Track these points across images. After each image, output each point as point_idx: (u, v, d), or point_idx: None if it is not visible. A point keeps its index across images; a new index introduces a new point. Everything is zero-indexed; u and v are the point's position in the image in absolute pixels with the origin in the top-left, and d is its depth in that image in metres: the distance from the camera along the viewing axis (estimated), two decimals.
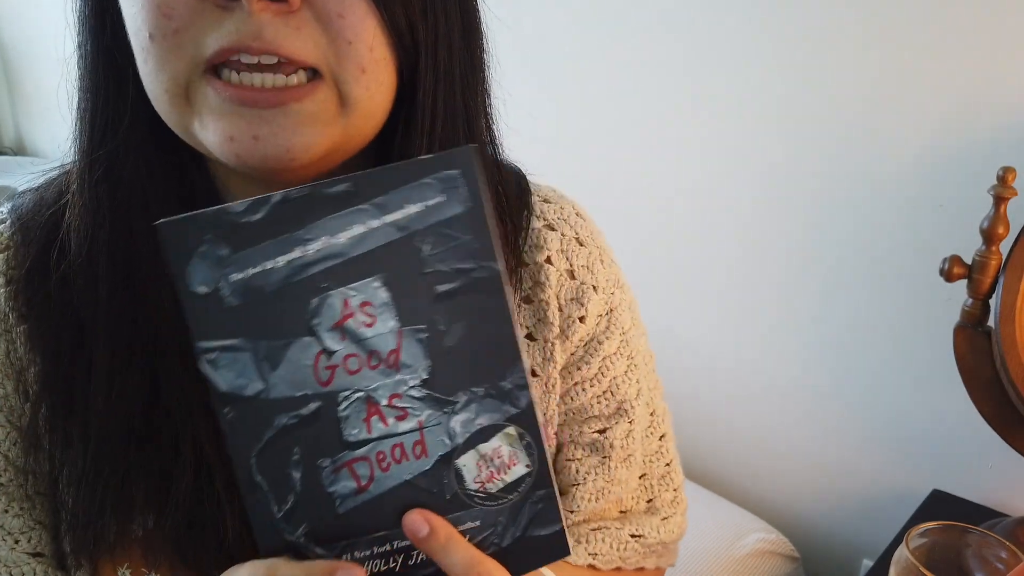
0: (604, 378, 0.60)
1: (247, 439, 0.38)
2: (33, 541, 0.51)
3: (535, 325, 0.58)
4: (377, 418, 0.39)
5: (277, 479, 0.39)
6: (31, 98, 2.83)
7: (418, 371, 0.39)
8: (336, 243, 0.38)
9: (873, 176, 1.12)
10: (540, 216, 0.59)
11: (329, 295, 0.38)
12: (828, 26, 1.10)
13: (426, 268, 0.39)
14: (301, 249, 0.37)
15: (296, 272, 0.37)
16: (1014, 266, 0.86)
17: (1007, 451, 0.93)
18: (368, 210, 0.38)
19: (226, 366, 0.38)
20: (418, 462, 0.40)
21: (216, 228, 0.37)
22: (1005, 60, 0.97)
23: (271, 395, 0.38)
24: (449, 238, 0.39)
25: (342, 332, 0.38)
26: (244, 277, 0.37)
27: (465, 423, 0.41)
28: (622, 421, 0.61)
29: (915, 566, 0.57)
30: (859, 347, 1.19)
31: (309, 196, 0.37)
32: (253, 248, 0.37)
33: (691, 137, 1.29)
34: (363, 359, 0.39)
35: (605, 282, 0.60)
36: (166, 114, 0.44)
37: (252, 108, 0.42)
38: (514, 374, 0.41)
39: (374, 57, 0.43)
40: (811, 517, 1.32)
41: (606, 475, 0.61)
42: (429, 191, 0.38)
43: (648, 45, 1.30)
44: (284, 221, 0.37)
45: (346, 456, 0.40)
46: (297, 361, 0.38)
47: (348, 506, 0.40)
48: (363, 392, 0.39)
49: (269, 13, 0.40)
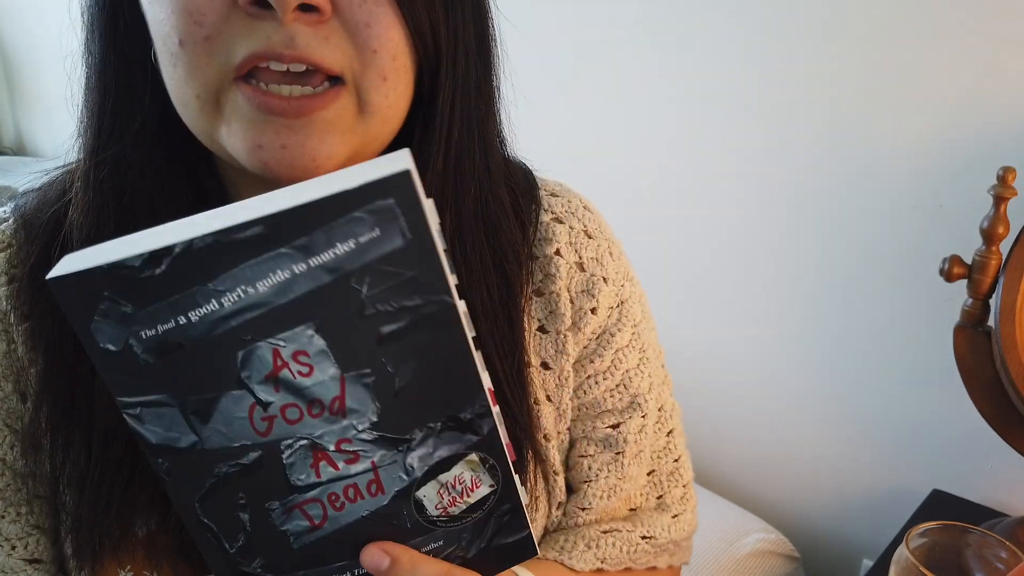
0: (617, 371, 0.60)
1: (187, 487, 0.36)
2: (30, 547, 0.51)
3: (547, 317, 0.58)
4: (325, 463, 0.37)
5: (225, 520, 0.37)
6: (31, 98, 2.83)
7: (366, 415, 0.36)
8: (255, 293, 0.33)
9: (873, 176, 1.12)
10: (548, 210, 0.59)
11: (256, 347, 0.34)
12: (828, 26, 1.10)
13: (366, 310, 0.35)
14: (215, 302, 0.33)
15: (214, 326, 0.34)
16: (1014, 266, 0.86)
17: (1007, 451, 0.93)
18: (289, 254, 0.33)
19: (152, 421, 0.35)
20: (374, 499, 0.38)
21: (113, 285, 0.32)
22: (1005, 60, 0.97)
23: (206, 446, 0.36)
24: (390, 275, 0.34)
25: (275, 383, 0.35)
26: (155, 334, 0.33)
27: (423, 457, 0.38)
28: (635, 415, 0.61)
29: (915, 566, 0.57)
30: (859, 346, 1.19)
31: (214, 245, 0.32)
32: (160, 303, 0.33)
33: (690, 136, 1.29)
34: (303, 408, 0.36)
35: (615, 274, 0.60)
36: (193, 120, 0.44)
37: (280, 117, 0.42)
38: (475, 403, 0.38)
39: (396, 65, 0.44)
40: (811, 517, 1.32)
41: (619, 472, 0.61)
42: (360, 226, 0.33)
43: (648, 44, 1.30)
44: (190, 274, 0.33)
45: (296, 499, 0.38)
46: (230, 414, 0.35)
47: (303, 542, 0.38)
48: (307, 439, 0.36)
49: (301, 23, 0.41)
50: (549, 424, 0.58)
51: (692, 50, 1.25)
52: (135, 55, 0.46)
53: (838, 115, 1.13)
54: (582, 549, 0.60)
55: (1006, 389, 0.89)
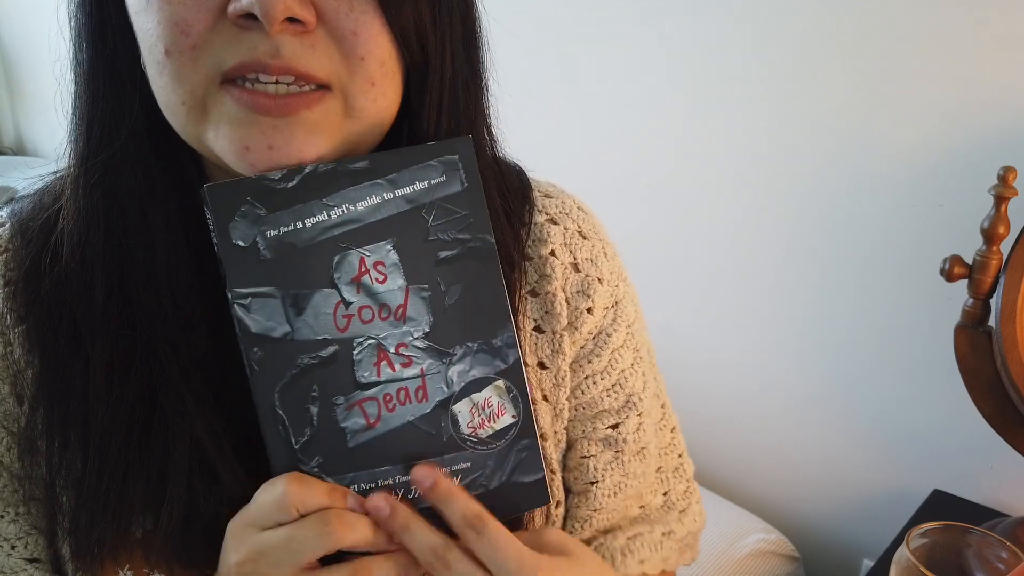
0: (613, 371, 0.61)
1: (272, 377, 0.43)
2: (30, 547, 0.51)
3: (543, 318, 0.58)
4: (386, 363, 0.45)
5: (297, 413, 0.44)
6: (31, 98, 2.83)
7: (421, 324, 0.45)
8: (355, 210, 0.44)
9: (873, 176, 1.11)
10: (542, 211, 0.60)
11: (348, 254, 0.44)
12: (828, 26, 1.10)
13: (430, 236, 0.45)
14: (326, 213, 0.43)
15: (321, 232, 0.43)
16: (1015, 266, 0.86)
17: (1007, 451, 0.93)
18: (383, 184, 0.44)
19: (257, 310, 0.43)
20: (419, 405, 0.46)
21: (255, 192, 0.42)
22: (1005, 60, 0.97)
23: (295, 337, 0.43)
24: (449, 212, 0.45)
25: (358, 286, 0.44)
26: (277, 234, 0.43)
27: (461, 373, 0.46)
28: (632, 414, 0.62)
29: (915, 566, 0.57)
30: (859, 346, 1.19)
31: (334, 170, 0.44)
32: (285, 210, 0.43)
33: (690, 135, 1.29)
34: (375, 311, 0.45)
35: (609, 274, 0.60)
36: (181, 125, 0.45)
37: (266, 116, 0.43)
38: (504, 333, 0.47)
39: (384, 71, 0.45)
40: (811, 517, 1.32)
41: (621, 469, 0.62)
42: (433, 171, 0.45)
43: (646, 44, 1.30)
44: (313, 189, 0.43)
45: (358, 395, 0.45)
46: (319, 309, 0.44)
47: (358, 440, 0.45)
48: (374, 340, 0.45)
49: (287, 33, 0.41)
50: (546, 423, 0.59)
51: (691, 50, 1.25)
52: (123, 62, 0.46)
53: (838, 115, 1.13)
54: (620, 559, 0.61)
55: (1006, 389, 0.89)
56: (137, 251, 0.48)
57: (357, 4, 0.43)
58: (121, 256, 0.48)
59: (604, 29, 1.34)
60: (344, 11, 0.43)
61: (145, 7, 0.43)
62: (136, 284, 0.48)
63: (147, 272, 0.48)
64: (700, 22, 1.23)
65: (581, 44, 1.38)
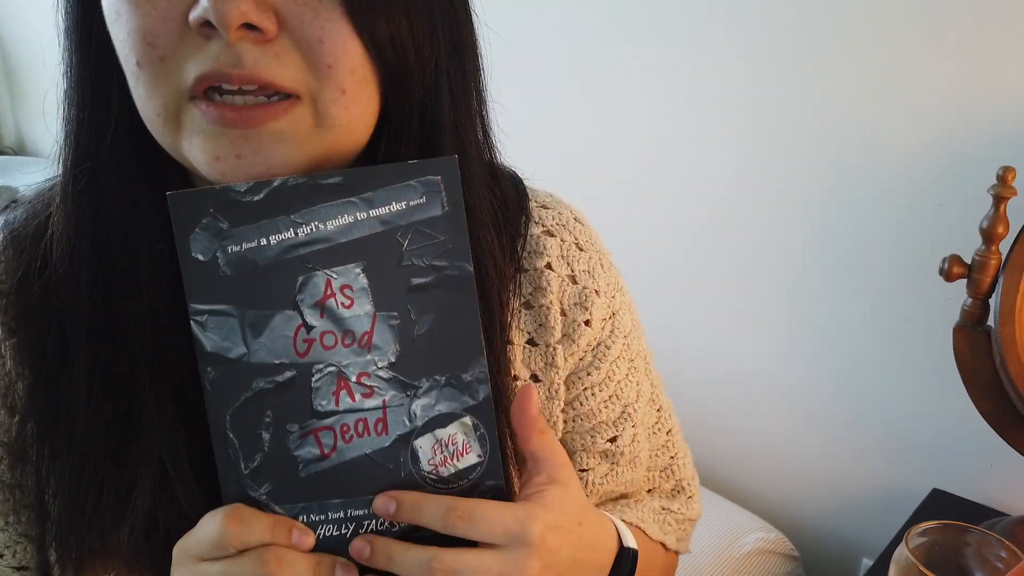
0: (610, 383, 0.61)
1: (225, 398, 0.42)
2: (18, 555, 0.52)
3: (536, 330, 0.58)
4: (346, 392, 0.43)
5: (248, 437, 0.42)
6: (31, 98, 2.83)
7: (387, 354, 0.43)
8: (324, 229, 0.41)
9: (873, 176, 1.12)
10: (539, 222, 0.59)
11: (314, 275, 0.42)
12: (828, 26, 1.10)
13: (404, 261, 0.42)
14: (293, 231, 0.41)
15: (286, 251, 0.41)
16: (1014, 266, 0.86)
17: (1007, 451, 0.93)
18: (356, 203, 0.42)
19: (214, 328, 0.41)
20: (378, 438, 0.43)
21: (218, 203, 0.41)
22: (1005, 60, 0.97)
23: (252, 359, 0.42)
24: (427, 236, 0.42)
25: (322, 310, 0.42)
26: (239, 251, 0.41)
27: (425, 407, 0.43)
28: (627, 426, 0.62)
29: (915, 565, 0.58)
30: (859, 346, 1.19)
31: (305, 185, 0.41)
32: (250, 225, 0.41)
33: (690, 137, 1.29)
34: (339, 336, 0.42)
35: (606, 286, 0.60)
36: (159, 135, 0.45)
37: (235, 128, 0.42)
38: (476, 368, 0.44)
39: (356, 79, 0.43)
40: (811, 516, 1.32)
41: (614, 479, 0.63)
42: (412, 192, 0.42)
43: (648, 46, 1.30)
44: (280, 204, 0.41)
45: (313, 424, 0.43)
46: (279, 331, 0.42)
47: (310, 471, 0.43)
48: (335, 367, 0.42)
49: (248, 42, 0.41)
50: None
51: (692, 50, 1.25)
52: (108, 71, 0.46)
53: (838, 115, 1.13)
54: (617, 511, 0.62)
55: (1006, 388, 0.89)
56: (120, 260, 0.48)
57: (323, 11, 0.42)
58: (105, 264, 0.48)
59: (610, 32, 1.34)
60: (309, 18, 0.42)
61: (116, 19, 0.43)
62: (119, 294, 0.48)
63: (129, 282, 0.48)
64: (701, 25, 1.23)
65: (589, 47, 1.38)
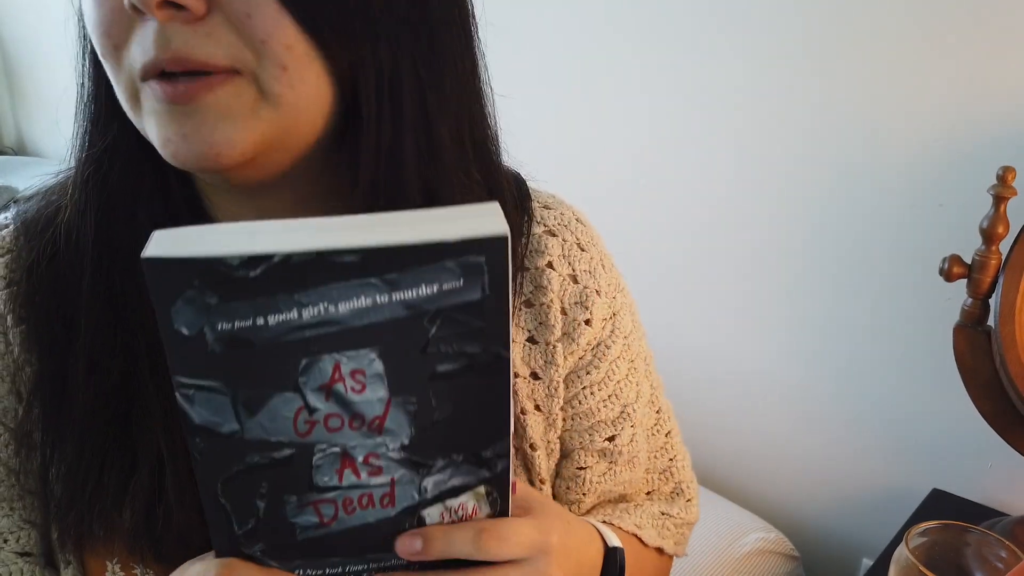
0: (610, 382, 0.61)
1: (215, 468, 0.38)
2: (22, 541, 0.52)
3: (536, 328, 0.58)
4: (350, 471, 0.39)
5: (240, 504, 0.39)
6: (31, 98, 2.83)
7: (400, 437, 0.38)
8: (335, 312, 0.35)
9: (873, 176, 1.12)
10: (540, 222, 0.59)
11: (320, 358, 0.36)
12: (828, 26, 1.10)
13: (429, 348, 0.36)
14: (296, 312, 0.34)
15: (287, 332, 0.35)
16: (1014, 265, 0.86)
17: (1007, 451, 0.93)
18: (377, 285, 0.34)
19: (202, 403, 0.36)
20: (383, 510, 0.40)
21: (205, 277, 0.33)
22: (1005, 60, 0.97)
23: (246, 436, 0.37)
24: (459, 323, 0.36)
25: (328, 393, 0.37)
26: (231, 329, 0.34)
27: (438, 483, 0.40)
28: (626, 425, 0.62)
29: (915, 565, 0.57)
30: (859, 346, 1.19)
31: (311, 262, 0.33)
32: (244, 302, 0.34)
33: (690, 137, 1.29)
34: (345, 420, 0.37)
35: (607, 286, 0.60)
36: (135, 123, 0.46)
37: (177, 105, 0.42)
38: (497, 445, 0.40)
39: (295, 55, 0.42)
40: (811, 516, 1.32)
41: (612, 479, 0.63)
42: (447, 275, 0.35)
43: (648, 46, 1.30)
44: (282, 282, 0.34)
45: (313, 497, 0.39)
46: (277, 412, 0.37)
47: (307, 535, 0.40)
48: (339, 448, 0.38)
49: (178, 22, 0.40)
50: (537, 433, 0.59)
51: (691, 52, 1.25)
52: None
53: (838, 114, 1.13)
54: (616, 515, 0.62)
55: (1006, 388, 0.89)
56: (123, 241, 0.49)
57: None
58: (109, 246, 0.49)
59: (611, 32, 1.34)
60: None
61: (84, 13, 0.44)
62: (121, 277, 0.49)
63: (131, 267, 0.48)
64: (701, 25, 1.23)
65: (591, 47, 1.39)
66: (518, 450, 0.58)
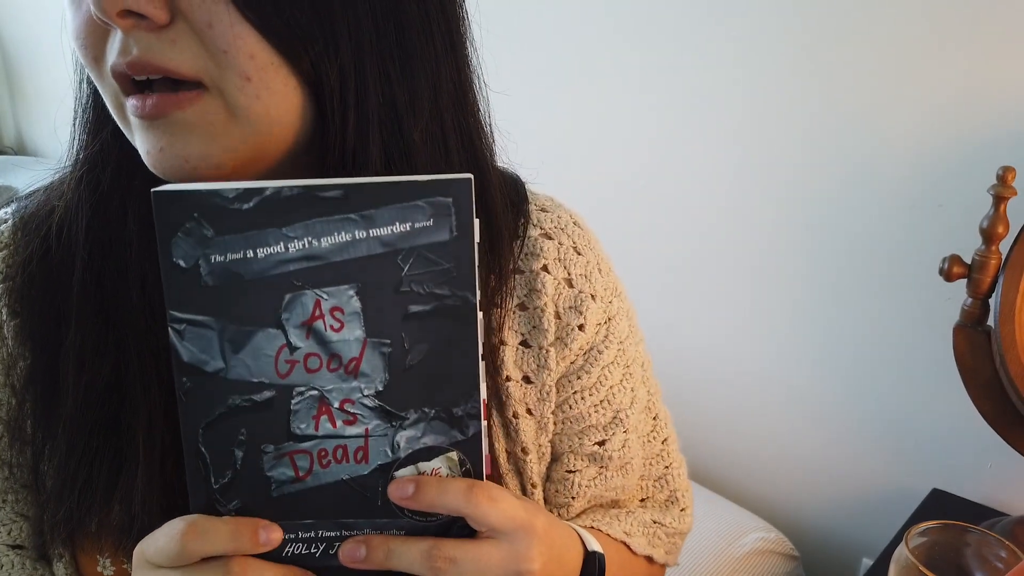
0: (602, 387, 0.61)
1: (198, 411, 0.40)
2: (14, 533, 0.53)
3: (530, 332, 0.58)
4: (326, 418, 0.41)
5: (219, 453, 0.40)
6: (31, 98, 2.83)
7: (375, 382, 0.40)
8: (318, 246, 0.38)
9: (873, 176, 1.12)
10: (537, 225, 0.59)
11: (303, 294, 0.39)
12: (827, 26, 1.11)
13: (402, 287, 0.39)
14: (283, 245, 0.38)
15: (274, 266, 0.38)
16: (1014, 265, 0.86)
17: (1007, 451, 0.93)
18: (356, 220, 0.38)
19: (191, 339, 0.39)
20: (357, 466, 0.41)
21: (205, 208, 0.38)
22: (1005, 60, 0.97)
23: (229, 375, 0.40)
24: (430, 262, 0.39)
25: (308, 331, 0.39)
26: (223, 261, 0.38)
27: (410, 439, 0.41)
28: (618, 431, 0.62)
29: (915, 565, 0.57)
30: (859, 346, 1.19)
31: (301, 195, 0.38)
32: (237, 235, 0.38)
33: (690, 138, 1.29)
34: (324, 360, 0.40)
35: (603, 291, 0.60)
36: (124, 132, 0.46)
37: (145, 119, 0.43)
38: (468, 403, 0.41)
39: (258, 64, 0.42)
40: (811, 516, 1.32)
41: (603, 483, 0.62)
42: (419, 213, 0.39)
43: (649, 46, 1.30)
44: (272, 215, 0.38)
45: (290, 447, 0.41)
46: (260, 349, 0.39)
47: (282, 491, 0.41)
48: (317, 391, 0.40)
49: (141, 29, 0.41)
50: (529, 437, 0.58)
51: (691, 52, 1.25)
52: None
53: (838, 114, 1.13)
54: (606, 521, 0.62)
55: (1006, 388, 0.89)
56: (115, 244, 0.49)
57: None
58: (100, 242, 0.50)
59: (613, 33, 1.35)
60: (198, 2, 0.40)
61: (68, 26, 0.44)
62: (111, 277, 0.50)
63: (122, 266, 0.49)
64: (701, 26, 1.23)
65: (591, 47, 1.39)
66: (510, 454, 0.58)
